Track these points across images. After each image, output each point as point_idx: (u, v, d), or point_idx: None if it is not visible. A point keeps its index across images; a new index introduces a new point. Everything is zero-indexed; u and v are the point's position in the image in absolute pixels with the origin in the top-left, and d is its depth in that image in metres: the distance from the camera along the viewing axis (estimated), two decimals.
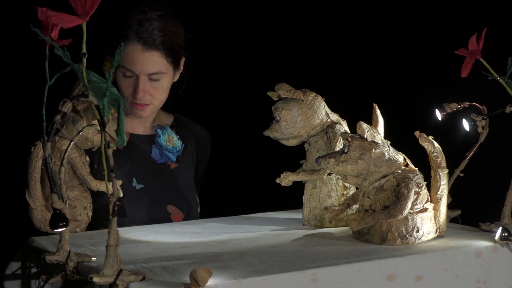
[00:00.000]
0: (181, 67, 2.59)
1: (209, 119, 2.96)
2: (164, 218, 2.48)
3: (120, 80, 2.48)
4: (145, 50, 2.45)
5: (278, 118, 2.16)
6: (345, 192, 2.21)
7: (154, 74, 2.47)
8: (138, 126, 2.59)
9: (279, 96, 2.18)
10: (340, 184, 2.21)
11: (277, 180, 2.23)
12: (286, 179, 2.21)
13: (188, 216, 2.54)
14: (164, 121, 2.66)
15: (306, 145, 2.24)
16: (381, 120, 2.11)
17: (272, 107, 2.19)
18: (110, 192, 1.57)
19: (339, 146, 2.16)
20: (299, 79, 2.52)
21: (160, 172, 2.55)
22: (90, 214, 2.23)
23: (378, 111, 2.11)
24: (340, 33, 3.72)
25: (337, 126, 2.20)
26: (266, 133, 2.19)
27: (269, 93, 2.19)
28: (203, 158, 2.72)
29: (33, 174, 2.10)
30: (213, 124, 2.87)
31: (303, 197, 2.26)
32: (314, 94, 2.18)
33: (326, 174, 2.19)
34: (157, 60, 2.47)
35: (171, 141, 2.59)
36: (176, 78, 2.59)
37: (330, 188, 2.21)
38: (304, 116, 2.16)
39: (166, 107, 2.68)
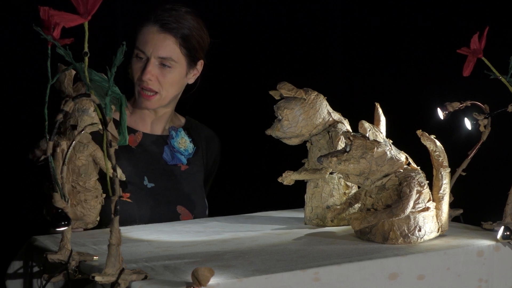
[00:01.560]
0: (198, 69, 2.59)
1: (211, 118, 2.95)
2: (173, 218, 2.48)
3: (133, 62, 2.50)
4: (160, 32, 2.48)
5: (280, 117, 2.16)
6: (347, 191, 2.21)
7: (164, 59, 2.48)
8: (152, 126, 2.59)
9: (281, 95, 2.18)
10: (342, 183, 2.21)
11: (279, 179, 2.23)
12: (288, 178, 2.22)
13: (197, 218, 2.54)
14: (177, 123, 2.66)
15: (308, 144, 2.24)
16: (383, 119, 2.11)
17: (274, 106, 2.19)
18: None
19: (341, 145, 2.16)
20: (301, 78, 2.52)
21: (171, 173, 2.56)
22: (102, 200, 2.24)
23: (380, 110, 2.11)
24: (341, 32, 3.72)
25: (339, 125, 2.20)
26: (268, 132, 2.19)
27: (271, 92, 2.19)
28: (212, 162, 2.73)
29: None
30: (215, 123, 2.87)
31: (305, 196, 2.26)
32: (316, 93, 2.18)
33: (328, 173, 2.19)
34: (170, 45, 2.48)
35: (184, 143, 2.59)
36: (191, 80, 2.59)
37: (332, 187, 2.21)
38: (306, 115, 2.16)
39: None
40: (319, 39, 3.71)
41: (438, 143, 2.02)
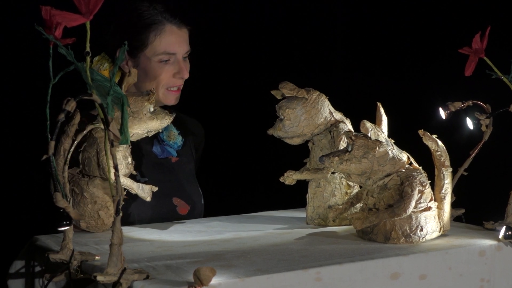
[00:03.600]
0: None
1: (213, 117, 2.96)
2: (170, 211, 2.48)
3: (156, 68, 2.50)
4: (179, 29, 2.53)
5: (282, 117, 2.16)
6: (348, 191, 2.21)
7: (186, 53, 2.55)
8: None
9: (283, 94, 2.18)
10: (344, 182, 2.21)
11: (281, 179, 2.23)
12: (290, 177, 2.22)
13: (194, 208, 2.54)
14: None
15: (310, 144, 2.24)
16: (385, 119, 2.10)
17: (276, 106, 2.19)
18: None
19: (343, 144, 2.16)
20: (302, 77, 2.52)
21: (162, 166, 2.56)
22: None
23: (382, 110, 2.11)
24: (343, 32, 3.72)
25: (341, 125, 2.20)
26: (270, 132, 2.19)
27: (273, 92, 2.19)
28: (200, 149, 2.74)
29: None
30: (217, 123, 2.88)
31: (307, 196, 2.25)
32: (317, 92, 2.18)
33: (330, 172, 2.19)
34: (187, 38, 2.55)
35: (173, 136, 2.59)
36: None
37: (334, 187, 2.21)
38: (308, 115, 2.16)
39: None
40: (320, 38, 3.71)
41: (440, 142, 2.02)
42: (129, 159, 2.14)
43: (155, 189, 2.18)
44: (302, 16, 3.69)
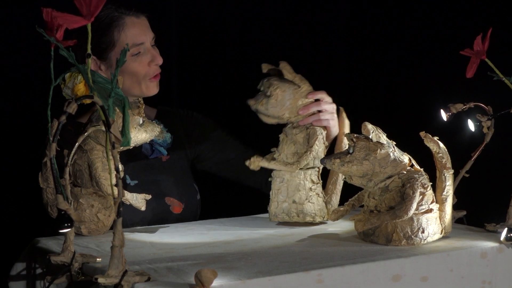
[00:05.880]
0: None
1: (212, 117, 2.95)
2: (164, 211, 2.47)
3: (130, 63, 2.48)
4: (139, 18, 2.52)
5: (269, 94, 2.17)
6: (313, 187, 2.21)
7: (153, 39, 2.55)
8: None
9: (269, 71, 2.20)
10: (308, 178, 2.21)
11: (247, 163, 2.22)
12: (256, 163, 2.22)
13: (188, 205, 2.53)
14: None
15: (282, 135, 2.25)
16: (347, 123, 2.22)
17: (265, 80, 2.20)
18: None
19: (317, 144, 2.19)
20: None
21: (153, 166, 2.54)
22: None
23: (344, 114, 2.19)
24: (344, 32, 3.72)
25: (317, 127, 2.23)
26: (251, 102, 2.20)
27: (263, 65, 2.22)
28: (196, 134, 2.71)
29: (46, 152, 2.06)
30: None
31: (270, 193, 2.25)
32: (309, 85, 2.21)
33: (299, 168, 2.19)
34: (149, 25, 2.55)
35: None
36: None
37: (298, 182, 2.21)
38: (294, 102, 2.18)
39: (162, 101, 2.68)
40: (321, 38, 3.70)
41: (441, 144, 2.02)
42: (120, 166, 2.12)
43: (149, 197, 2.16)
44: (302, 15, 3.68)
